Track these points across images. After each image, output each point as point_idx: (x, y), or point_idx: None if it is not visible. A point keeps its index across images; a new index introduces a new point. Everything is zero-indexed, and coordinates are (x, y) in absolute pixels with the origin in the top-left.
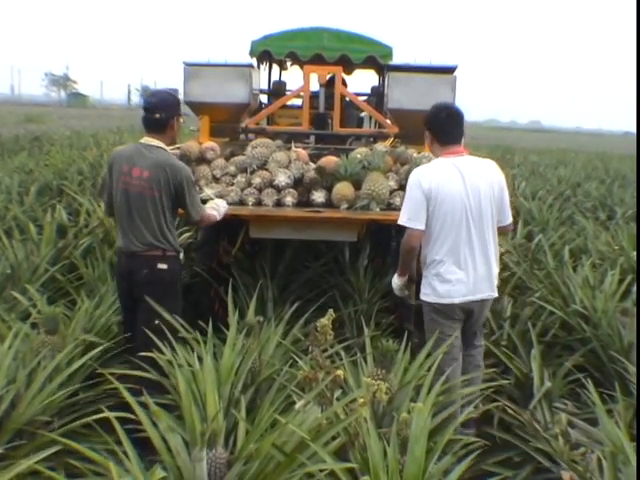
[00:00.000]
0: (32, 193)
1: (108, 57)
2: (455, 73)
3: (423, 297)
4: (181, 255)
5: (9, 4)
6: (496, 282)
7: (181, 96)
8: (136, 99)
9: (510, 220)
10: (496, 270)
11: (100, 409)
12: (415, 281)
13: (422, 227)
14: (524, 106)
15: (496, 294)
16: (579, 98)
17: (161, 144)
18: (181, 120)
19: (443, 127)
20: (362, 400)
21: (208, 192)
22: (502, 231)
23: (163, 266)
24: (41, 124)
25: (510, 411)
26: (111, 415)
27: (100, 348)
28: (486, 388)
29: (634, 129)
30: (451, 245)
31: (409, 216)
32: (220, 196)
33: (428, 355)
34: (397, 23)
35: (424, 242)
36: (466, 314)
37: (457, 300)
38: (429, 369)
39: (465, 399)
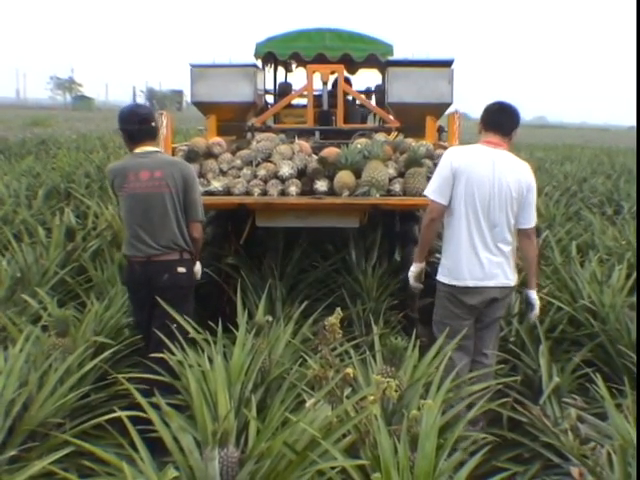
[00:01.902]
0: (40, 196)
1: (113, 59)
2: (452, 66)
3: (439, 277)
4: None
5: (13, 8)
6: (513, 275)
7: (188, 97)
8: (141, 101)
9: (532, 224)
10: (512, 262)
11: (112, 410)
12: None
13: (444, 202)
14: (529, 102)
15: (512, 284)
16: (584, 93)
17: (158, 149)
18: None
19: (492, 116)
20: (372, 398)
21: (216, 185)
22: (522, 234)
23: (182, 270)
24: (47, 127)
25: (520, 407)
26: (123, 414)
27: (111, 350)
28: (495, 384)
29: None
30: (471, 228)
31: (434, 189)
32: (227, 188)
33: (437, 352)
34: (401, 18)
35: (445, 223)
36: (480, 300)
37: (471, 283)
38: (438, 366)
39: (472, 397)
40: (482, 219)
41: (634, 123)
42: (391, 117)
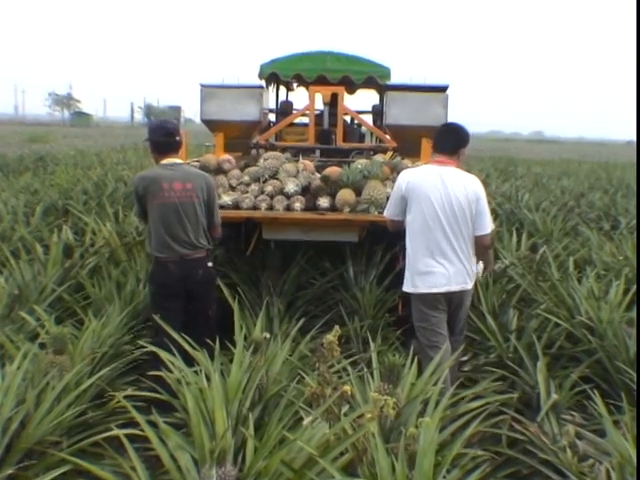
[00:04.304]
0: (38, 213)
1: (111, 76)
2: (447, 91)
3: (405, 288)
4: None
5: (12, 24)
6: (473, 277)
7: (186, 112)
8: (139, 117)
9: (488, 230)
10: (471, 266)
11: (109, 428)
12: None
13: (400, 218)
14: (527, 117)
15: (470, 286)
16: (581, 108)
17: (182, 161)
18: None
19: (437, 137)
20: (370, 415)
21: (225, 199)
22: (481, 241)
23: (210, 264)
24: (45, 144)
25: (517, 424)
26: (121, 433)
27: (109, 367)
28: (493, 402)
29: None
30: (428, 242)
31: (388, 208)
32: (236, 202)
33: (435, 369)
34: (399, 36)
35: (407, 237)
36: (447, 303)
37: (435, 290)
38: (436, 383)
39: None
40: (436, 232)
41: (631, 138)
42: (388, 137)
